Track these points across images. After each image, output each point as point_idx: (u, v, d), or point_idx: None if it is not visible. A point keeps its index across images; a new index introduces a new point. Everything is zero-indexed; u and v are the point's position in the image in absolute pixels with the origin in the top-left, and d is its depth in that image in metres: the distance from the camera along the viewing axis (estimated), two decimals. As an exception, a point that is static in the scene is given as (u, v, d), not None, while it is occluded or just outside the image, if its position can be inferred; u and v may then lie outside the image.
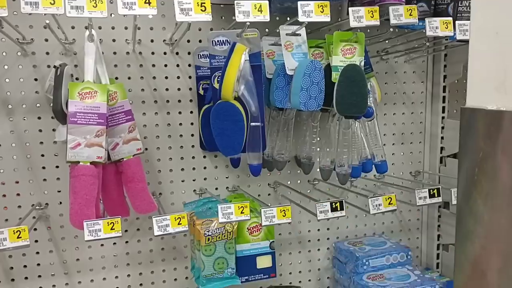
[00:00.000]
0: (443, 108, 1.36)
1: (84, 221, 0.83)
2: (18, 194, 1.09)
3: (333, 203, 0.97)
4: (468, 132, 0.75)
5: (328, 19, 0.88)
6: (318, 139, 1.16)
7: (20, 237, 0.79)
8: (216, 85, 1.02)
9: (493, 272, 0.70)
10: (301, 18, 0.88)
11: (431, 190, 1.02)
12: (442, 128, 1.37)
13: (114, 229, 0.84)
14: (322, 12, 0.88)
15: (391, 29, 1.01)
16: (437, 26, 0.96)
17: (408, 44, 1.31)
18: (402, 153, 1.39)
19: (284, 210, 0.94)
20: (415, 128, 1.39)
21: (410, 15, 0.94)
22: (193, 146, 1.20)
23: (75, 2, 0.75)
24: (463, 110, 0.78)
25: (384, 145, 1.35)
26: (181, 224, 0.88)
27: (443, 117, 1.36)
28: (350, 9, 0.89)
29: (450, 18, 0.96)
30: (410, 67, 1.36)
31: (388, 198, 1.00)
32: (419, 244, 1.46)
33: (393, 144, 1.38)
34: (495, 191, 0.68)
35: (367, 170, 1.15)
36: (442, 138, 1.37)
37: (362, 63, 0.99)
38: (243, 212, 0.92)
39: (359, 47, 1.00)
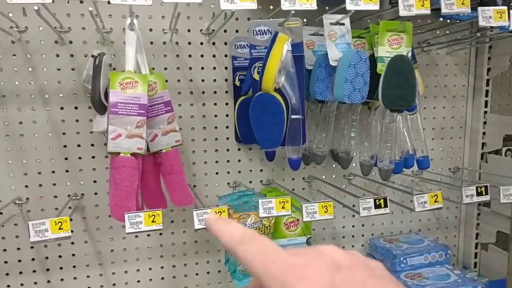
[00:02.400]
0: (486, 102, 1.31)
1: (125, 213, 0.81)
2: (54, 184, 1.08)
3: (377, 200, 0.93)
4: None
5: (377, 7, 0.85)
6: (359, 134, 1.13)
7: (62, 229, 0.78)
8: (256, 76, 1.00)
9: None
10: (349, 6, 0.84)
11: (479, 188, 0.98)
12: (484, 123, 1.32)
13: (155, 221, 0.82)
14: (371, 0, 0.84)
15: (441, 19, 0.96)
16: (490, 16, 0.91)
17: (450, 35, 1.26)
18: (441, 149, 1.35)
19: (326, 206, 0.91)
20: (455, 122, 1.34)
21: (462, 3, 0.89)
22: (227, 138, 1.18)
23: (120, -12, 0.73)
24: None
25: (423, 140, 1.31)
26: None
27: (485, 112, 1.31)
28: (401, -3, 0.85)
29: (505, 7, 0.91)
30: (452, 60, 1.31)
31: (434, 196, 0.96)
32: (456, 242, 1.42)
33: (432, 139, 1.33)
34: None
35: (409, 166, 1.11)
36: (483, 133, 1.32)
37: (410, 54, 0.95)
38: (284, 207, 0.90)
39: (407, 37, 0.96)
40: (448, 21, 1.21)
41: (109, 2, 0.74)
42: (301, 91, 0.97)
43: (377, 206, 0.93)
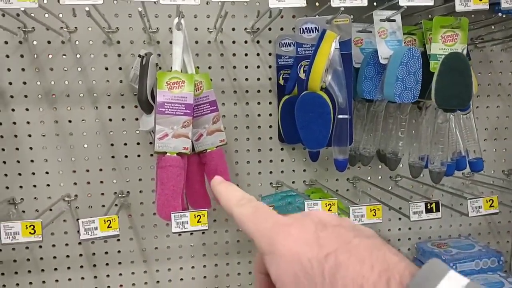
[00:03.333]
0: (545, 100, 1.24)
1: (171, 213, 0.81)
2: (101, 182, 1.10)
3: (428, 204, 0.89)
4: None
5: (431, 2, 0.81)
6: (408, 134, 1.09)
7: (110, 227, 0.79)
8: (302, 75, 0.98)
9: None
10: (402, 1, 0.80)
11: (539, 193, 0.92)
12: (542, 123, 1.24)
13: (200, 221, 0.82)
14: (425, -5, 0.80)
15: (500, 14, 0.91)
16: (555, 10, 0.86)
17: (506, 31, 1.19)
18: (494, 150, 1.28)
19: (374, 209, 0.89)
20: (510, 123, 1.28)
21: (524, -3, 0.84)
22: (271, 138, 1.17)
23: (169, -12, 0.73)
24: None
25: (474, 140, 1.25)
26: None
27: (544, 111, 1.24)
28: (457, -9, 0.81)
29: None
30: (507, 56, 1.24)
31: (489, 200, 0.91)
32: (509, 248, 1.35)
33: (484, 140, 1.27)
34: None
35: (461, 168, 1.06)
36: (541, 134, 1.25)
37: (465, 51, 0.91)
38: (331, 210, 0.88)
39: (462, 33, 0.91)
40: (504, 16, 1.14)
41: (155, 2, 0.75)
42: (348, 91, 0.95)
43: (429, 211, 0.89)
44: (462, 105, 0.89)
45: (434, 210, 0.89)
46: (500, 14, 0.98)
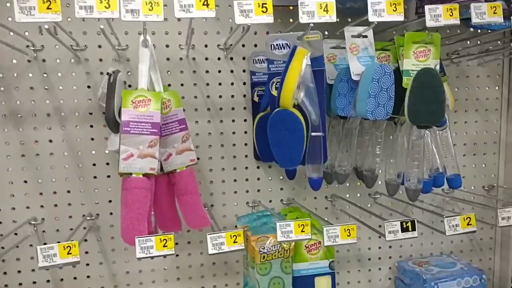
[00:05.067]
0: (521, 115, 1.23)
1: (136, 237, 0.78)
2: (69, 204, 1.06)
3: (404, 223, 0.87)
4: None
5: (402, 18, 0.79)
6: (384, 151, 1.07)
7: (71, 253, 0.75)
8: (275, 92, 0.95)
9: None
10: (372, 17, 0.79)
11: (517, 210, 0.90)
12: (520, 137, 1.24)
13: (166, 246, 0.78)
14: (395, 10, 0.79)
15: (471, 29, 0.90)
16: (526, 25, 0.85)
17: (481, 46, 1.19)
18: (474, 165, 1.27)
19: (349, 229, 0.86)
20: (489, 137, 1.26)
21: (494, 13, 0.83)
22: (246, 156, 1.14)
23: (131, 5, 0.70)
24: None
25: (454, 156, 1.24)
26: (237, 242, 0.82)
27: (521, 126, 1.23)
28: (427, 7, 0.80)
29: (542, 16, 0.85)
30: (483, 71, 1.24)
31: (466, 218, 0.89)
32: (491, 265, 1.33)
33: (464, 155, 1.26)
34: None
35: (439, 185, 1.04)
36: (520, 149, 1.24)
37: (438, 67, 0.89)
38: (304, 231, 0.85)
39: (434, 49, 0.90)
40: (479, 31, 1.14)
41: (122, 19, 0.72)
42: (321, 108, 0.92)
43: (404, 230, 0.87)
44: (435, 122, 0.87)
45: (410, 229, 0.87)
46: (472, 29, 0.97)
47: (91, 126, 1.05)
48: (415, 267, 1.19)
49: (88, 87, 1.04)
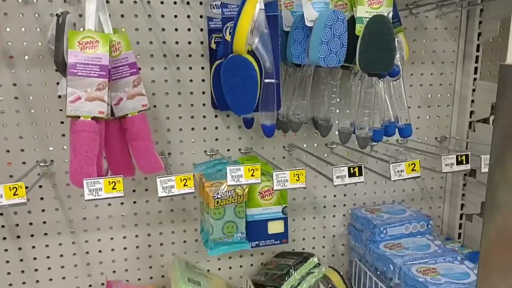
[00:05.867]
0: (476, 69, 1.25)
1: (84, 179, 0.78)
2: (22, 150, 1.05)
3: (351, 168, 0.89)
4: (507, 91, 0.67)
5: (353, -38, 0.78)
6: (338, 99, 1.08)
7: (17, 194, 0.75)
8: (228, 37, 0.94)
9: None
10: (323, -40, 0.78)
11: (459, 157, 0.94)
12: (473, 90, 1.27)
13: (115, 188, 0.79)
14: (347, -47, 0.78)
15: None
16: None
17: (440, -3, 1.19)
18: (428, 117, 1.30)
19: (298, 174, 0.88)
20: (443, 90, 1.29)
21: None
22: (204, 104, 1.14)
23: None
24: (502, 67, 0.69)
25: (409, 108, 1.26)
26: (187, 185, 0.83)
27: (474, 79, 1.26)
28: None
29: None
30: (441, 23, 1.24)
31: (411, 164, 0.92)
32: (441, 213, 1.39)
33: (418, 107, 1.29)
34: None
35: (390, 134, 1.07)
36: (472, 101, 1.27)
37: (390, 15, 0.89)
38: (254, 175, 0.86)
39: (387, -4, 0.89)
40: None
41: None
42: (275, 54, 0.92)
43: (351, 175, 0.89)
44: (385, 70, 0.88)
45: (357, 174, 0.90)
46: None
47: (43, 71, 1.02)
48: (367, 213, 1.24)
49: (38, 29, 1.00)
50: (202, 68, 1.11)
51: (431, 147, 1.30)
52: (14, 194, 0.74)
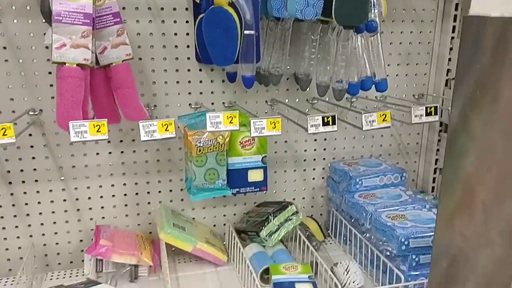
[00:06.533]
0: (453, 27, 1.29)
1: (70, 122, 0.82)
2: (11, 99, 1.08)
3: (325, 118, 0.94)
4: (469, 43, 0.71)
5: None
6: (319, 55, 1.12)
7: (6, 135, 0.79)
8: (209, -11, 0.97)
9: (482, 188, 0.69)
10: None
11: (428, 108, 0.99)
12: (451, 49, 1.31)
13: (100, 131, 0.83)
14: None
15: None
16: None
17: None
18: (406, 74, 1.35)
19: (274, 122, 0.93)
20: (422, 48, 1.33)
21: None
22: (188, 58, 1.17)
23: None
24: (465, 18, 0.73)
25: (388, 65, 1.31)
26: (168, 130, 0.88)
27: (452, 37, 1.30)
28: None
29: None
30: (422, -18, 1.27)
31: (382, 115, 0.97)
32: (416, 168, 1.46)
33: (397, 65, 1.33)
34: (493, 106, 0.65)
35: (366, 88, 1.11)
36: (449, 59, 1.31)
37: (366, -31, 0.92)
38: (232, 122, 0.91)
39: (364, -51, 0.92)
40: None
41: None
42: (255, 6, 0.95)
43: (325, 124, 0.94)
44: (359, 22, 0.92)
45: (330, 124, 0.95)
46: None
47: (30, 21, 1.04)
48: (344, 166, 1.30)
49: (23, -21, 1.02)
50: (187, 21, 1.14)
51: (409, 103, 1.34)
52: (3, 135, 0.79)
